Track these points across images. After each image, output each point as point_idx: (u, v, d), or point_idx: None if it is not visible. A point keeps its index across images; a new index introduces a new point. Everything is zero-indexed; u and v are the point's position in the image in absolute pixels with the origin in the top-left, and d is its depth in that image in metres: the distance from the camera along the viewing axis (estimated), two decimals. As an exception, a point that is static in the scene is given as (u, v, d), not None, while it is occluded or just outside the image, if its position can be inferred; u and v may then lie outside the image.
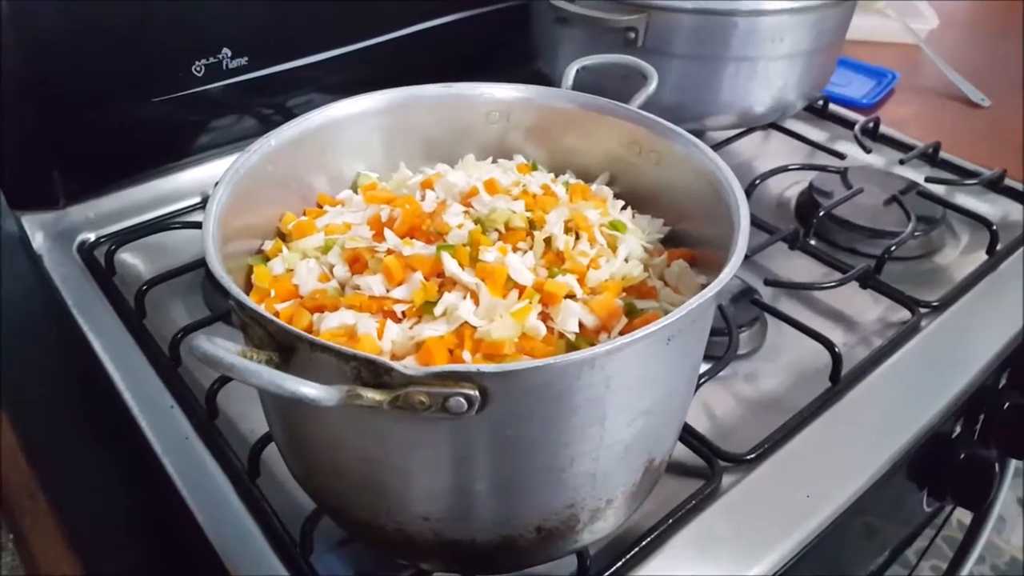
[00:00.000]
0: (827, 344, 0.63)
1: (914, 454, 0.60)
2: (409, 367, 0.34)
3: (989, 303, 0.72)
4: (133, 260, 0.75)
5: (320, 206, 0.54)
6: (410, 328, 0.42)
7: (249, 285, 0.47)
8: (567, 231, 0.49)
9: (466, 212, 0.49)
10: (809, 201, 0.83)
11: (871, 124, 0.94)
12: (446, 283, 0.44)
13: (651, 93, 0.57)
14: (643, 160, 0.54)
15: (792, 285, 0.72)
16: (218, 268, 0.39)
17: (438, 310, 0.42)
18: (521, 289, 0.44)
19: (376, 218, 0.50)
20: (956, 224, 0.82)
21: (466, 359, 0.40)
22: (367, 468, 0.41)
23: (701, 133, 0.87)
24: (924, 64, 1.16)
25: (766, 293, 0.70)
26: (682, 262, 0.50)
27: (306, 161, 0.53)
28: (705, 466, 0.55)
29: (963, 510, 0.79)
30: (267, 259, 0.49)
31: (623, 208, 0.55)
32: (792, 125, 0.96)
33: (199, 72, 0.76)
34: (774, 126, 0.94)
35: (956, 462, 0.66)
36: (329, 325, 0.42)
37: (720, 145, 0.90)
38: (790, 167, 0.86)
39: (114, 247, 0.73)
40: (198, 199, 0.80)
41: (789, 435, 0.58)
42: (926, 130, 0.96)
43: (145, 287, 0.67)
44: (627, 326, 0.44)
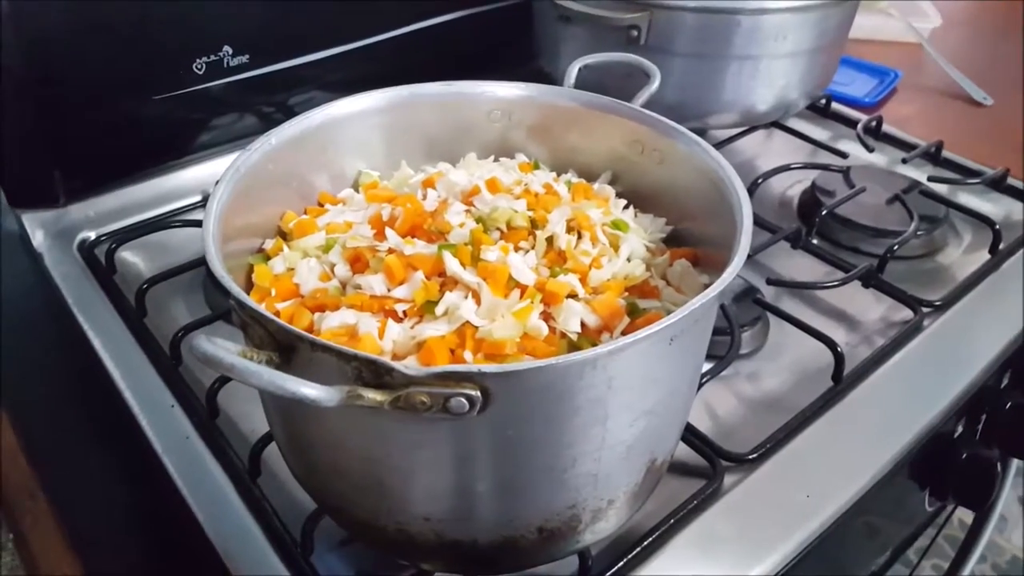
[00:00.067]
0: (829, 343, 0.62)
1: (916, 454, 0.60)
2: (410, 367, 0.33)
3: (991, 303, 0.72)
4: (134, 258, 0.74)
5: (321, 205, 0.54)
6: (411, 328, 0.42)
7: (250, 284, 0.47)
8: (569, 230, 0.49)
9: (468, 211, 0.49)
10: (811, 200, 0.83)
11: (874, 123, 0.94)
12: (447, 282, 0.44)
13: (654, 92, 0.56)
14: (645, 159, 0.54)
15: (794, 284, 0.72)
16: (218, 267, 0.39)
17: (439, 310, 0.42)
18: (523, 289, 0.44)
19: (377, 217, 0.50)
20: (959, 223, 0.82)
21: (467, 359, 0.40)
22: (368, 468, 0.41)
23: (703, 132, 0.87)
24: (927, 63, 1.16)
25: (768, 292, 0.70)
26: (684, 261, 0.50)
27: (307, 159, 0.53)
28: (707, 466, 0.55)
29: (964, 509, 0.79)
30: (268, 258, 0.49)
31: (625, 207, 0.55)
32: (795, 124, 0.96)
33: (200, 70, 0.76)
34: (777, 125, 0.94)
35: (958, 462, 0.66)
36: (330, 324, 0.42)
37: (722, 144, 0.90)
38: (792, 166, 0.86)
39: (115, 245, 0.72)
40: (199, 197, 0.80)
41: (791, 435, 0.58)
42: (929, 129, 0.96)
43: (146, 285, 0.67)
44: (629, 326, 0.44)
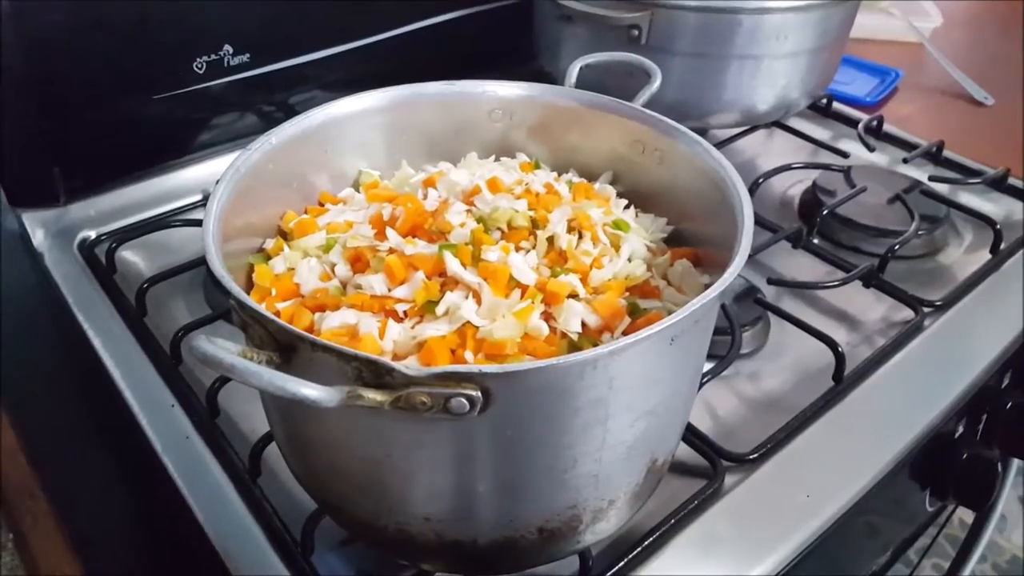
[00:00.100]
0: (830, 343, 0.62)
1: (917, 454, 0.60)
2: (410, 368, 0.33)
3: (992, 302, 0.71)
4: (134, 258, 0.74)
5: (322, 204, 0.54)
6: (412, 328, 0.42)
7: (250, 284, 0.47)
8: (570, 230, 0.49)
9: (468, 211, 0.49)
10: (812, 200, 0.83)
11: (875, 122, 0.94)
12: (448, 282, 0.44)
13: (655, 91, 0.56)
14: (646, 159, 0.54)
15: (795, 284, 0.72)
16: (218, 267, 0.39)
17: (440, 310, 0.42)
18: (523, 289, 0.44)
19: (378, 216, 0.50)
20: (959, 223, 0.82)
21: (468, 359, 0.40)
22: (368, 468, 0.40)
23: (704, 131, 0.87)
24: (928, 62, 1.16)
25: (769, 292, 0.70)
26: (685, 261, 0.50)
27: (308, 159, 0.53)
28: (708, 466, 0.55)
29: (965, 509, 0.79)
30: (268, 258, 0.49)
31: (626, 207, 0.55)
32: (796, 123, 0.96)
33: (200, 69, 0.76)
34: (778, 124, 0.94)
35: (959, 462, 0.66)
36: (330, 324, 0.42)
37: (723, 143, 0.90)
38: (793, 166, 0.86)
39: (115, 245, 0.72)
40: (199, 197, 0.80)
41: (792, 434, 0.58)
42: (930, 129, 0.96)
43: (146, 285, 0.67)
44: (630, 326, 0.44)
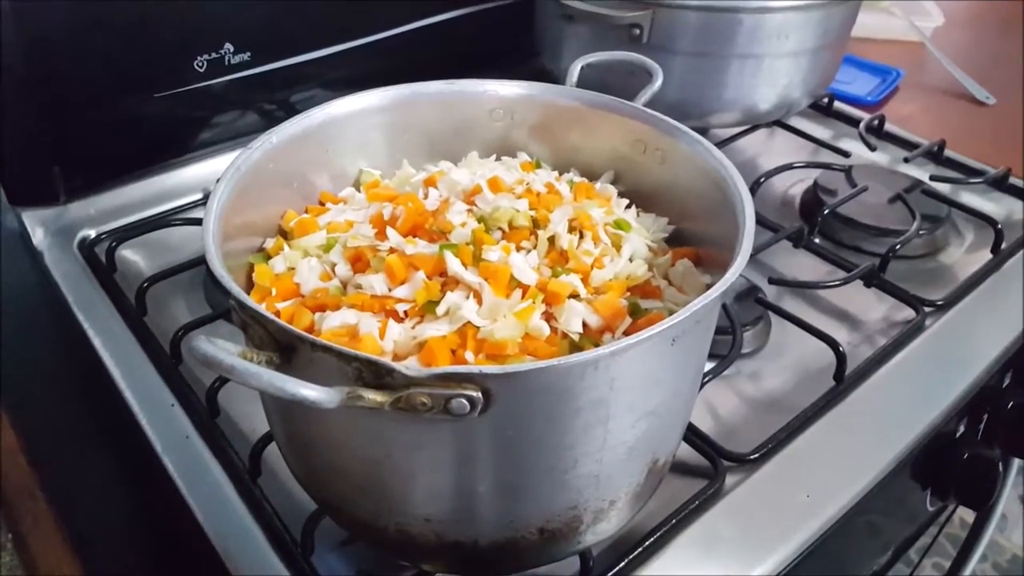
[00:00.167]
0: (831, 343, 0.62)
1: (918, 453, 0.60)
2: (411, 368, 0.33)
3: (993, 302, 0.71)
4: (134, 257, 0.74)
5: (322, 203, 0.54)
6: (412, 328, 0.42)
7: (250, 283, 0.47)
8: (571, 230, 0.49)
9: (469, 210, 0.49)
10: (813, 199, 0.82)
11: (876, 122, 0.94)
12: (449, 282, 0.44)
13: (656, 90, 0.56)
14: (648, 158, 0.54)
15: (796, 284, 0.72)
16: (218, 266, 0.39)
17: (440, 310, 0.42)
18: (524, 289, 0.44)
19: (379, 216, 0.50)
20: (961, 223, 0.82)
21: (469, 359, 0.40)
22: (368, 469, 0.40)
23: (705, 131, 0.86)
24: (929, 62, 1.16)
25: (770, 291, 0.70)
26: (687, 261, 0.49)
27: (308, 158, 0.53)
28: (709, 466, 0.55)
29: (966, 508, 0.79)
30: (268, 257, 0.49)
31: (627, 207, 0.55)
32: (797, 123, 0.96)
33: (201, 68, 0.75)
34: (779, 124, 0.94)
35: (960, 461, 0.66)
36: (331, 324, 0.42)
37: (724, 143, 0.90)
38: (794, 165, 0.86)
39: (115, 244, 0.72)
40: (199, 196, 0.80)
41: (793, 434, 0.58)
42: (931, 128, 0.95)
43: (146, 284, 0.67)
44: (631, 326, 0.44)
